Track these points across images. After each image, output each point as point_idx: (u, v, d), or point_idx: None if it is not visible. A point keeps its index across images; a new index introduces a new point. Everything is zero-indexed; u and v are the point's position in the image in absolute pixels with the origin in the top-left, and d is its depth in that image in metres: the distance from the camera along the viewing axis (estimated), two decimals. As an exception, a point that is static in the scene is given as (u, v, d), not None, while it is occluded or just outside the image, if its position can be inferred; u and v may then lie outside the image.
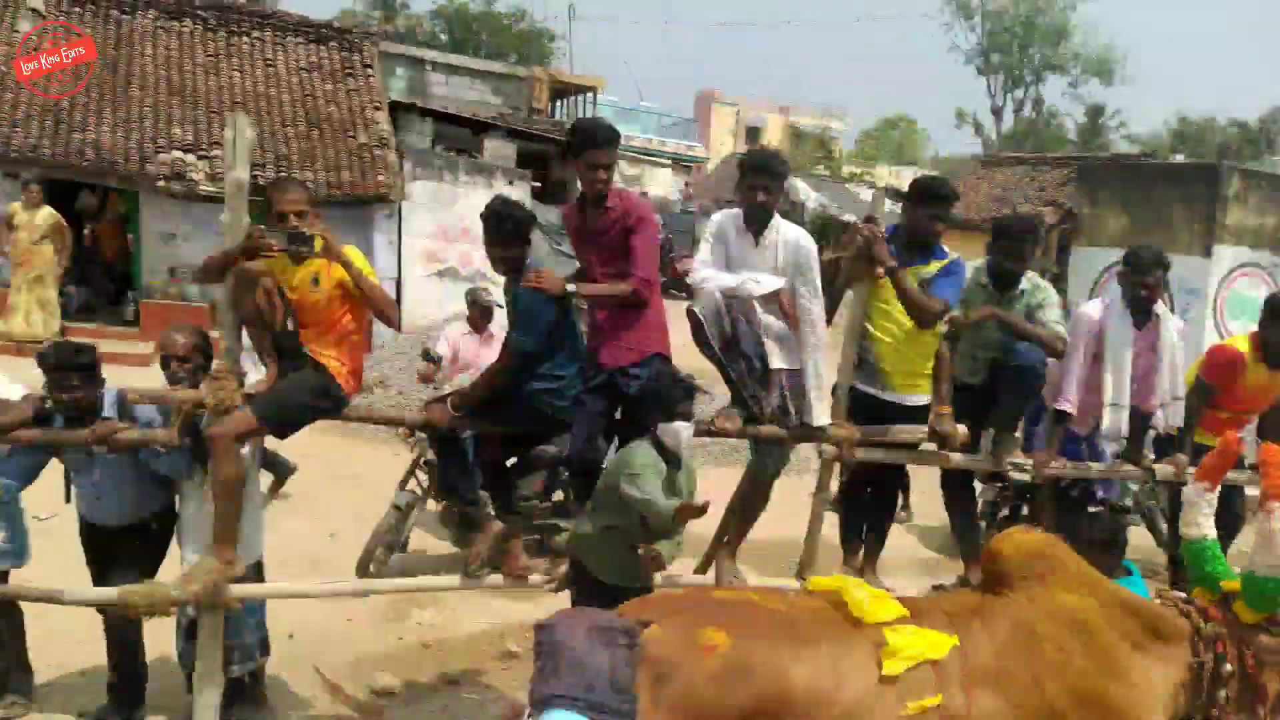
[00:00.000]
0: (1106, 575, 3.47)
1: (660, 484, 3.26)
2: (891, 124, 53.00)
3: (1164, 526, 5.88)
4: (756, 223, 3.77)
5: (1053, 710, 2.34)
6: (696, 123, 42.29)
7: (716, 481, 4.26)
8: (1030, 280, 4.20)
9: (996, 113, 38.15)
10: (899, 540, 6.52)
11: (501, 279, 3.70)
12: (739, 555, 4.03)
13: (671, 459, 3.39)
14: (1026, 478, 4.23)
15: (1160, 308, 4.34)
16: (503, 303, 3.82)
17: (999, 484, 5.91)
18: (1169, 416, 4.30)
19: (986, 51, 37.59)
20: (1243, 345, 4.55)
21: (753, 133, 47.55)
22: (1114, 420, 4.18)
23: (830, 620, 2.42)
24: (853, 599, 2.45)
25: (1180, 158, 27.59)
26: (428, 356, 5.84)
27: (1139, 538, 6.15)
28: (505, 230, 3.56)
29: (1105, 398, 4.16)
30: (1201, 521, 2.86)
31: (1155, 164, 14.90)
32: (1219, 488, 2.95)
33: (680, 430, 3.36)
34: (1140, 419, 4.32)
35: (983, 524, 6.54)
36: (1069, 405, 4.16)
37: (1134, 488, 5.98)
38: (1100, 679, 2.39)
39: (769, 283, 3.72)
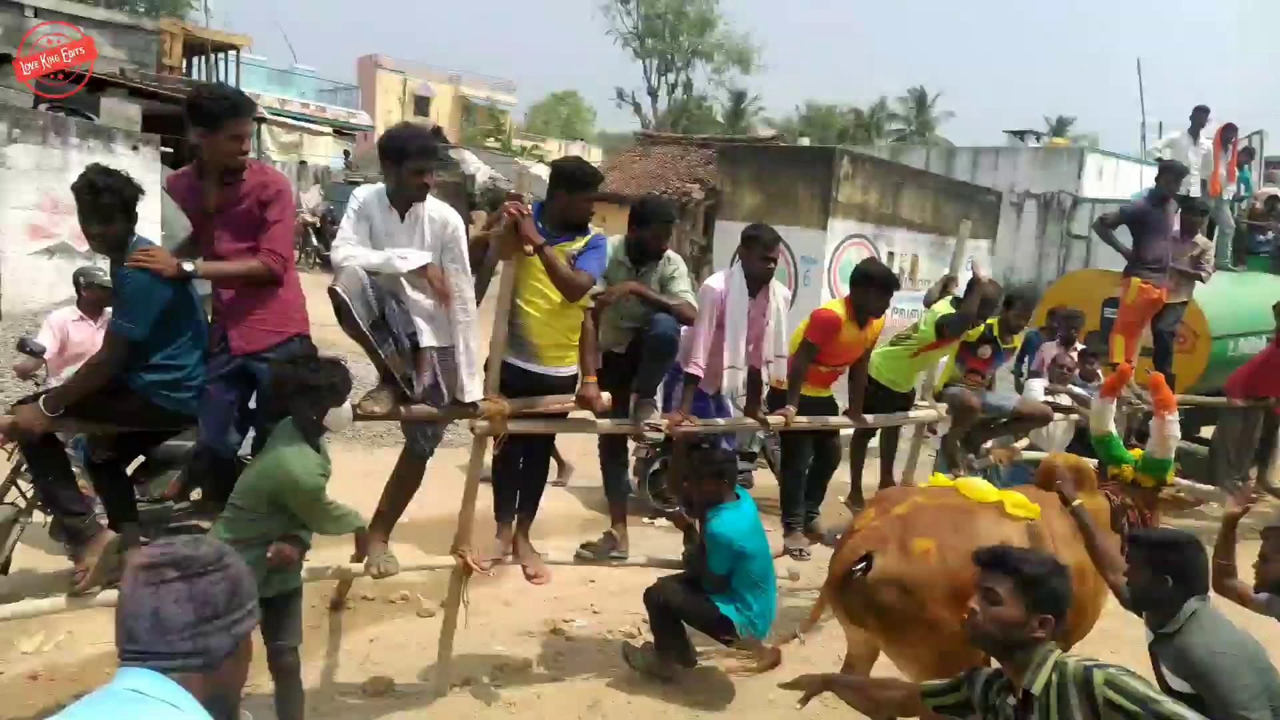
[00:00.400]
0: (717, 499, 4.30)
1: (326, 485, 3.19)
2: (560, 100, 54.23)
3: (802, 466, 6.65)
4: (402, 199, 3.71)
5: (1083, 570, 3.33)
6: (360, 90, 40.24)
7: (372, 464, 4.16)
8: (664, 254, 4.55)
9: (652, 94, 40.57)
10: (557, 503, 6.83)
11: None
12: (395, 534, 3.99)
13: (319, 445, 3.29)
14: (661, 436, 4.59)
15: (773, 280, 4.89)
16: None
17: (651, 442, 6.38)
18: (774, 370, 4.85)
19: (642, 36, 39.72)
20: (839, 308, 5.15)
21: (421, 102, 46.29)
22: (731, 382, 4.65)
23: (966, 505, 3.57)
24: (971, 489, 3.70)
25: (807, 141, 31.15)
26: (25, 348, 5.07)
27: (768, 478, 6.97)
28: (103, 204, 3.16)
29: (725, 361, 4.62)
30: (1107, 422, 4.42)
31: (782, 147, 16.69)
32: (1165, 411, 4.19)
33: (344, 416, 3.27)
34: (757, 377, 4.86)
35: (635, 479, 7.06)
36: (697, 369, 4.53)
37: (761, 436, 6.77)
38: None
39: (416, 258, 3.67)
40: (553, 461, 5.05)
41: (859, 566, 3.37)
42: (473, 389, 3.86)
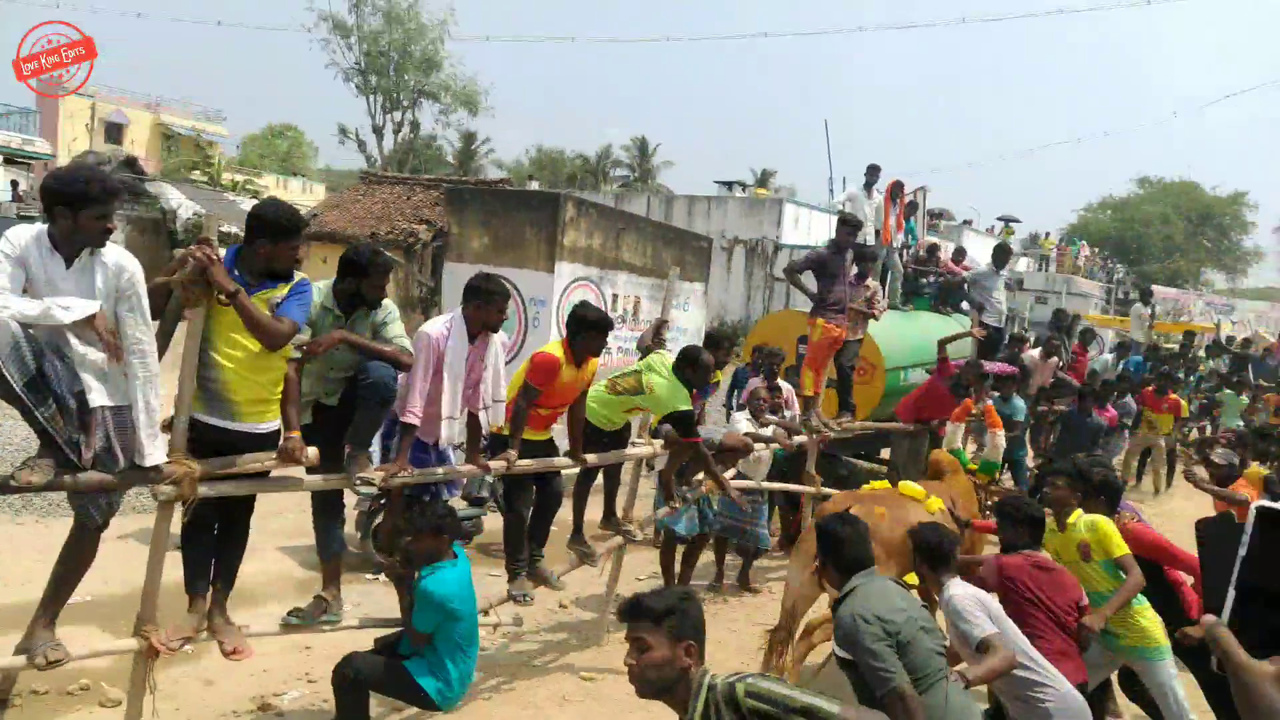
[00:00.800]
0: (436, 556, 4.15)
1: None
2: (278, 133, 51.38)
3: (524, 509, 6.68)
4: (73, 244, 3.32)
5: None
6: (40, 113, 35.70)
7: (49, 538, 3.65)
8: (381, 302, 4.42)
9: (377, 131, 39.51)
10: (269, 565, 6.39)
11: None
12: (76, 615, 3.52)
13: None
14: (373, 491, 4.44)
15: None
16: None
17: (373, 494, 6.13)
18: (493, 415, 4.87)
19: (365, 72, 38.65)
20: (557, 350, 5.26)
21: (114, 130, 41.98)
22: (449, 431, 4.61)
23: (901, 496, 5.70)
24: (905, 488, 5.82)
25: (536, 184, 31.76)
26: None
27: (499, 522, 6.95)
28: None
29: (443, 410, 4.56)
30: (956, 440, 7.57)
31: (510, 190, 16.89)
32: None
33: None
34: (476, 422, 4.84)
35: (357, 533, 6.76)
36: (414, 417, 4.40)
37: (490, 480, 6.75)
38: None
39: (80, 308, 3.28)
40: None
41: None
42: (154, 451, 3.51)
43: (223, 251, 3.91)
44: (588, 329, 5.21)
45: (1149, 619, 4.44)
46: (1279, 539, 0.89)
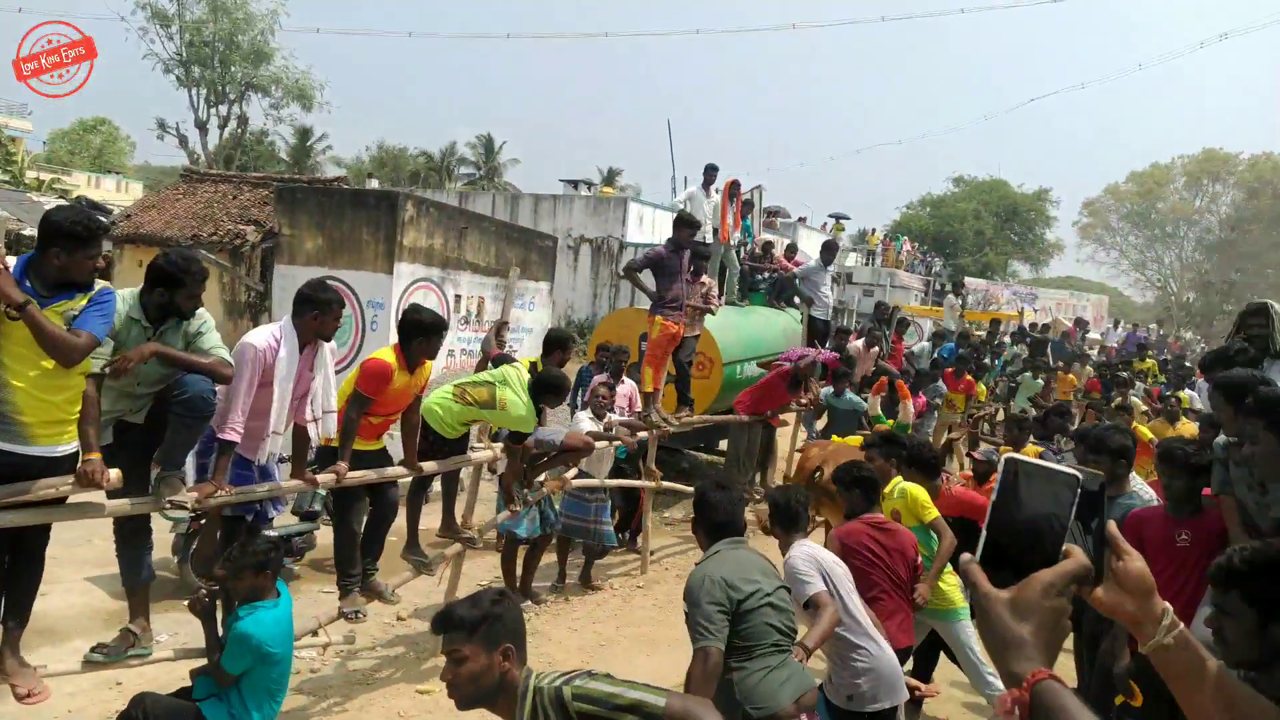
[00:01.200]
0: (258, 595, 3.85)
1: None
2: (90, 128, 47.56)
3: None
4: None
5: None
6: None
7: None
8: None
9: (201, 126, 37.20)
10: (74, 596, 5.95)
11: None
12: None
13: None
14: (185, 515, 4.21)
15: None
16: None
17: (192, 514, 5.80)
18: (323, 427, 4.71)
19: (187, 63, 36.31)
20: (389, 356, 5.09)
21: (-110, 121, 37.61)
22: (274, 448, 4.43)
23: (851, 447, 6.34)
24: (851, 440, 7.10)
25: (376, 183, 30.79)
26: None
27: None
28: None
29: (270, 425, 4.37)
30: (875, 408, 8.56)
31: (345, 189, 16.30)
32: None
33: None
34: (304, 436, 4.68)
35: (175, 557, 6.38)
36: (234, 433, 4.19)
37: (322, 493, 6.52)
38: None
39: None
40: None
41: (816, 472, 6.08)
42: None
43: (12, 260, 3.62)
44: (421, 333, 5.11)
45: (948, 583, 4.78)
46: (1016, 495, 1.01)
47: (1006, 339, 17.04)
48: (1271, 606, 2.02)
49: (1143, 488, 4.74)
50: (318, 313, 4.49)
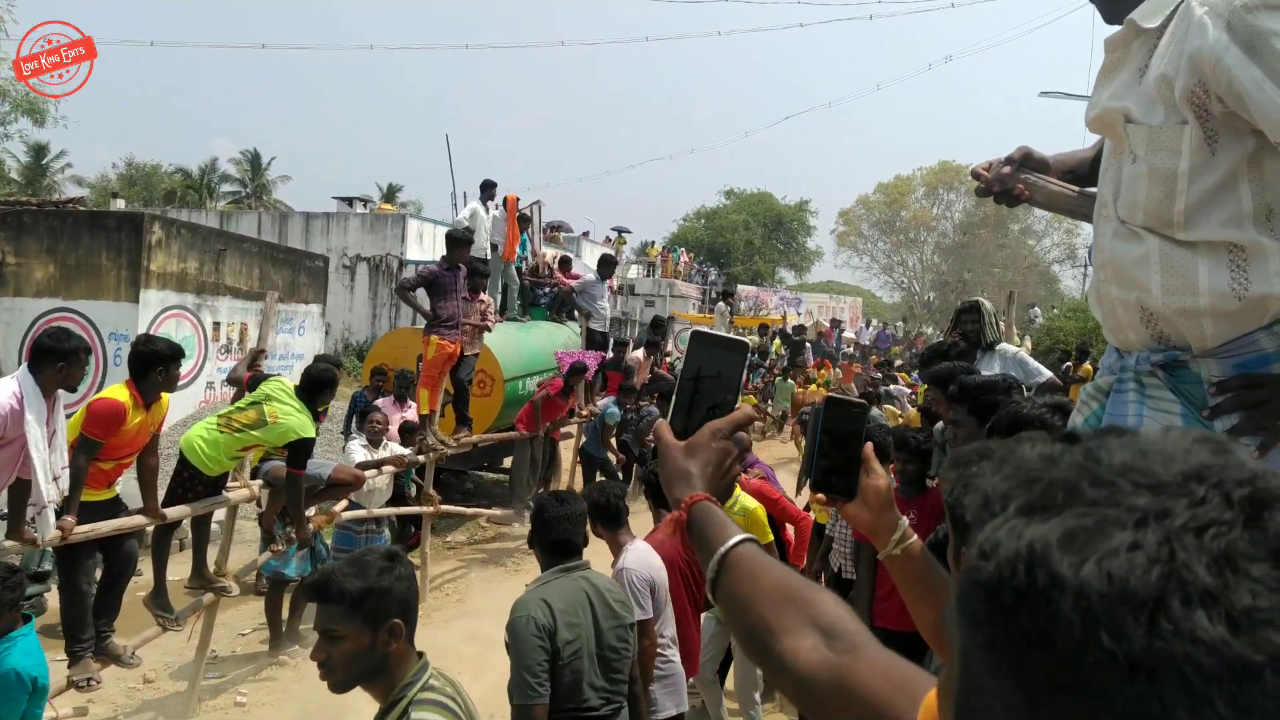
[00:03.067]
0: (12, 627, 3.63)
1: None
2: None
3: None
4: None
5: None
6: None
7: None
8: None
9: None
10: None
11: None
12: None
13: None
14: None
15: None
16: None
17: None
18: (63, 485, 4.24)
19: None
20: (122, 394, 4.66)
21: None
22: (43, 529, 4.02)
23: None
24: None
25: (122, 203, 28.12)
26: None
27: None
28: None
29: (37, 495, 3.96)
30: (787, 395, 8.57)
31: (80, 211, 14.74)
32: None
33: None
34: (25, 489, 4.18)
35: None
36: None
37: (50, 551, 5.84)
38: None
39: None
40: None
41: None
42: None
43: None
44: (160, 363, 4.71)
45: None
46: (698, 360, 1.16)
47: (772, 341, 18.18)
48: (987, 414, 2.72)
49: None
50: (63, 364, 4.14)
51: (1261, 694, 0.38)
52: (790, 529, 5.34)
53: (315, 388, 5.48)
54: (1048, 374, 5.29)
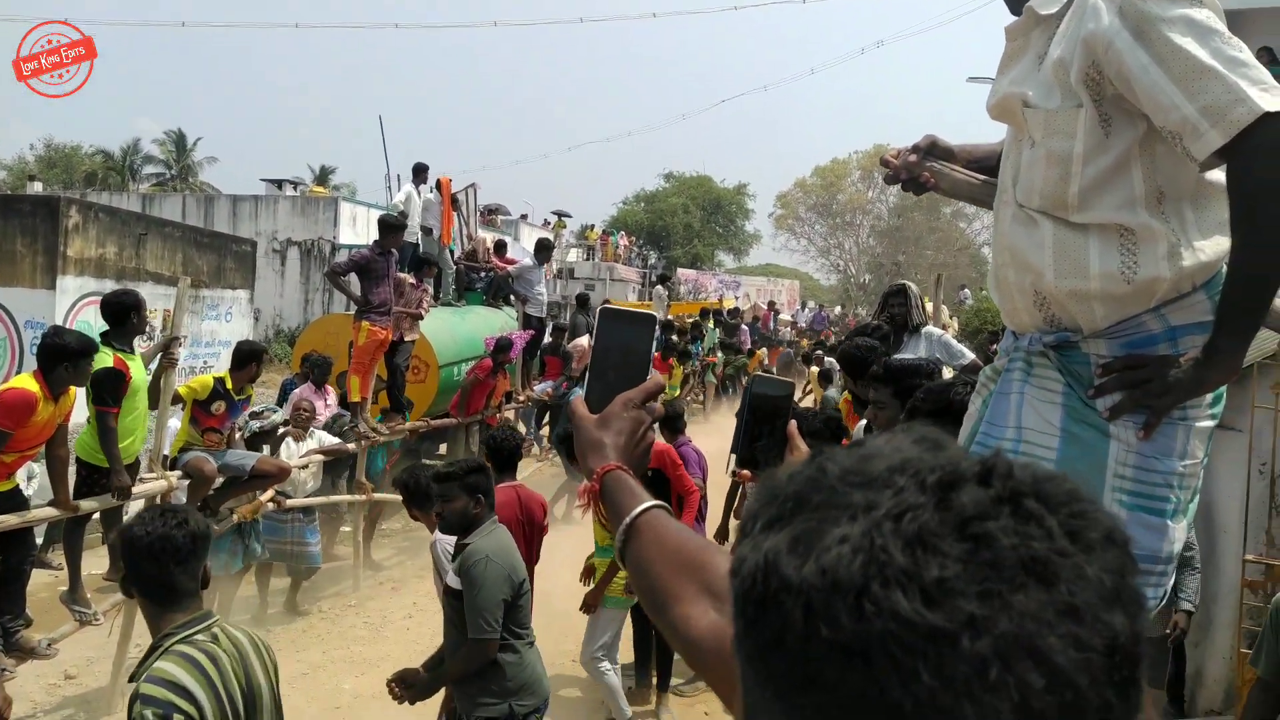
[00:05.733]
0: None
1: None
2: None
3: None
4: None
5: None
6: None
7: None
8: None
9: None
10: None
11: None
12: None
13: None
14: None
15: None
16: None
17: None
18: None
19: None
20: (32, 385, 4.56)
21: None
22: None
23: None
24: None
25: (40, 186, 27.01)
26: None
27: None
28: None
29: None
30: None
31: (-8, 194, 14.13)
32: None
33: None
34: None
35: None
36: None
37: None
38: None
39: None
40: None
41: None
42: None
43: None
44: (67, 358, 4.57)
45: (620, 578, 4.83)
46: (607, 336, 1.18)
47: (708, 324, 18.34)
48: (908, 395, 2.83)
49: None
50: None
51: (961, 660, 0.40)
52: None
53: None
54: (971, 356, 5.41)
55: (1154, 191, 1.50)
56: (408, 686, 3.47)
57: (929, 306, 6.69)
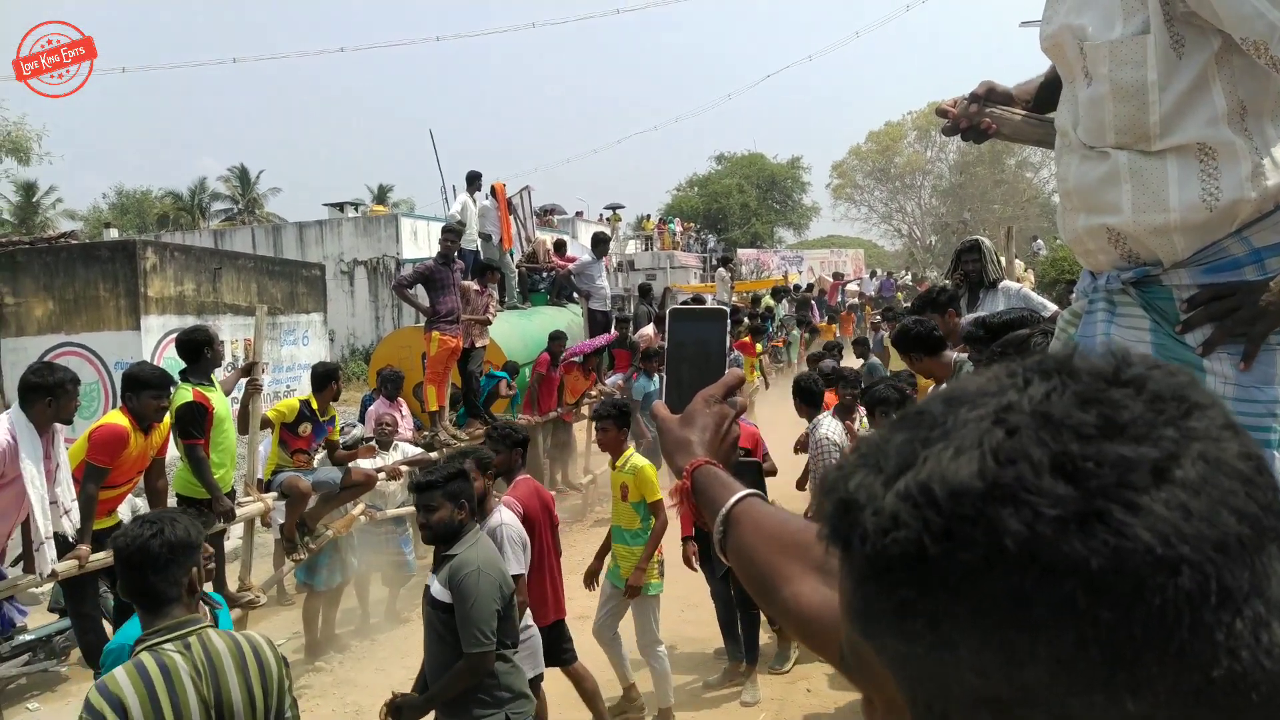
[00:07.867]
0: None
1: None
2: None
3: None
4: None
5: None
6: None
7: None
8: None
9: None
10: None
11: None
12: None
13: None
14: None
15: None
16: None
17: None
18: (72, 520, 4.28)
19: None
20: (120, 419, 4.69)
21: None
22: (42, 564, 4.04)
23: None
24: None
25: (115, 232, 28.16)
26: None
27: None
28: None
29: (37, 533, 3.97)
30: None
31: (72, 245, 14.78)
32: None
33: None
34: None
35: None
36: None
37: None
38: None
39: None
40: None
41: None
42: None
43: None
44: (145, 388, 4.73)
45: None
46: (679, 336, 1.16)
47: (780, 303, 18.13)
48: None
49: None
50: (50, 399, 4.18)
51: (1180, 487, 0.40)
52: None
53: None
54: (1053, 307, 5.22)
55: (1236, 106, 1.43)
56: (399, 711, 3.26)
57: (1003, 261, 6.46)
